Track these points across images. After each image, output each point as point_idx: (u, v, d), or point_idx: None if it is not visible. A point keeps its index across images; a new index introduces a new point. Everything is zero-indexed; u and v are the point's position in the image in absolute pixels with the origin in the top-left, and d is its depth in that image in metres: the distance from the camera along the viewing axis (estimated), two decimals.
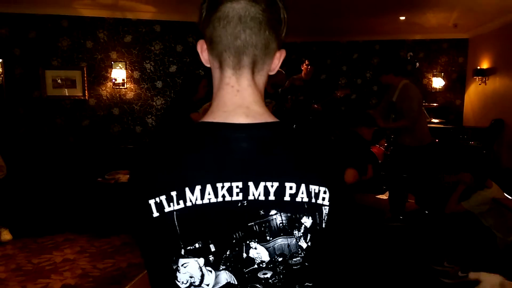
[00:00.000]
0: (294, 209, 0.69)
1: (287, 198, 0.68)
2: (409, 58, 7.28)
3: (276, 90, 4.74)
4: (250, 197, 0.67)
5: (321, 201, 0.71)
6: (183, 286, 0.68)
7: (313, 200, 0.70)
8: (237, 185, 0.67)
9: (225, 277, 0.68)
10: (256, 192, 0.67)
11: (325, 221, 0.72)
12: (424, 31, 6.91)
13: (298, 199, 0.69)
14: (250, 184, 0.67)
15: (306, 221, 0.70)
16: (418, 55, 7.31)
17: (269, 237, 0.68)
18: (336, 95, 5.10)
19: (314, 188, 0.70)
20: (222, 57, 0.72)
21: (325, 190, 0.71)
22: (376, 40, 7.39)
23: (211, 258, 0.67)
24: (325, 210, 0.71)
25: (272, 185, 0.68)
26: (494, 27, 6.10)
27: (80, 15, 5.50)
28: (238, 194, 0.67)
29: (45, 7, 5.32)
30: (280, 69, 4.40)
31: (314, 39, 7.41)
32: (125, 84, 5.73)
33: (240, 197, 0.67)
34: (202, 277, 0.67)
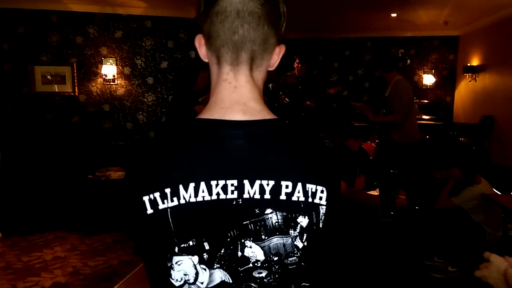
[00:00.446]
0: (290, 208, 0.68)
1: (283, 197, 0.67)
2: (400, 55, 7.32)
3: (267, 86, 4.74)
4: (245, 195, 0.66)
5: (318, 200, 0.69)
6: (177, 283, 0.67)
7: (309, 200, 0.69)
8: (232, 183, 0.66)
9: (219, 275, 0.67)
10: (251, 190, 0.66)
11: (322, 221, 0.70)
12: (415, 28, 6.95)
13: (294, 198, 0.67)
14: (246, 182, 0.66)
15: (302, 220, 0.68)
16: (409, 52, 7.35)
17: (264, 236, 0.67)
18: (328, 92, 5.11)
19: (311, 187, 0.69)
20: (220, 53, 0.70)
21: (323, 189, 0.70)
22: (368, 37, 7.41)
23: (205, 256, 0.66)
24: (322, 209, 0.70)
25: (268, 183, 0.66)
26: (484, 25, 6.16)
27: (70, 10, 5.43)
28: (233, 192, 0.66)
29: (34, 2, 5.25)
30: None
31: (306, 36, 7.40)
32: (116, 80, 5.68)
33: (235, 195, 0.66)
34: (197, 275, 0.67)
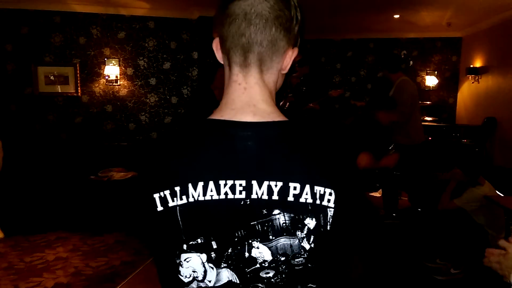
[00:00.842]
0: (298, 210, 0.68)
1: (291, 198, 0.67)
2: (403, 56, 7.30)
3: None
4: (253, 195, 0.67)
5: (326, 203, 0.69)
6: (186, 280, 0.69)
7: (317, 202, 0.69)
8: (240, 183, 0.67)
9: (226, 275, 0.68)
10: (259, 191, 0.67)
11: (330, 223, 0.70)
12: (418, 30, 6.94)
13: (302, 199, 0.68)
14: (254, 183, 0.67)
15: (310, 222, 0.69)
16: (412, 54, 7.34)
17: (272, 237, 0.68)
18: (330, 94, 5.12)
19: (319, 189, 0.69)
20: (229, 55, 0.72)
21: (331, 192, 0.69)
22: (371, 38, 7.40)
23: (213, 255, 0.67)
24: (330, 212, 0.70)
25: (276, 184, 0.67)
26: (487, 26, 6.14)
27: (73, 10, 5.45)
28: (241, 193, 0.67)
29: (38, 2, 5.26)
30: None
31: (308, 37, 7.39)
32: (119, 81, 5.69)
33: (243, 195, 0.67)
34: (205, 273, 0.68)
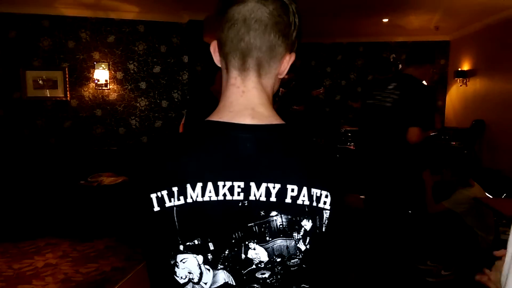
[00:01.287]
0: (295, 212, 0.69)
1: (288, 200, 0.69)
2: (392, 60, 7.38)
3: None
4: (251, 197, 0.68)
5: (322, 205, 0.71)
6: (181, 281, 0.69)
7: (314, 204, 0.70)
8: (238, 185, 0.68)
9: (223, 277, 0.68)
10: (257, 192, 0.68)
11: (325, 225, 0.72)
12: (407, 34, 7.02)
13: (299, 201, 0.69)
14: (252, 185, 0.68)
15: (306, 224, 0.70)
16: (400, 57, 7.40)
17: (269, 238, 0.68)
18: (312, 94, 5.21)
19: (316, 191, 0.70)
20: (228, 59, 0.73)
21: (327, 194, 0.71)
22: (360, 42, 7.47)
23: (210, 256, 0.68)
24: (326, 214, 0.72)
25: (274, 186, 0.68)
26: (474, 30, 6.24)
27: (62, 14, 5.40)
28: (239, 194, 0.68)
29: (26, 6, 5.20)
30: None
31: None
32: (108, 85, 5.65)
33: (241, 197, 0.68)
34: (201, 274, 0.68)
